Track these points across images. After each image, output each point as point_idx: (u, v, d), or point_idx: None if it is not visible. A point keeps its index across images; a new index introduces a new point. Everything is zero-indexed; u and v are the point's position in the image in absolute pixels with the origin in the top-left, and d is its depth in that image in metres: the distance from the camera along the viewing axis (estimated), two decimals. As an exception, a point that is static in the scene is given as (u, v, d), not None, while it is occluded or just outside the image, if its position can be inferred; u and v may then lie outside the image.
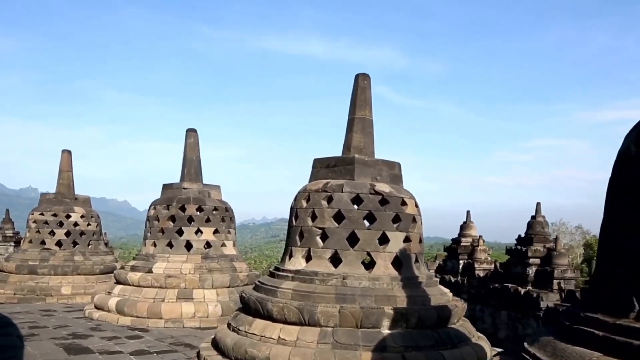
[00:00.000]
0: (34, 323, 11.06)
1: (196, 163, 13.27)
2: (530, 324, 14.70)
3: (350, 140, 8.57)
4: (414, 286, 7.67)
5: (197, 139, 13.43)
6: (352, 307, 7.05)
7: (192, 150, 13.29)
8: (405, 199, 8.11)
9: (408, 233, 8.00)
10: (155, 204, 12.96)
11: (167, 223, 12.63)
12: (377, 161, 8.42)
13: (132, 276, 12.13)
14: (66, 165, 17.44)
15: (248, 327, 7.59)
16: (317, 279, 7.56)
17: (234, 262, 13.04)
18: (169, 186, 13.19)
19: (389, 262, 7.71)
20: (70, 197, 17.12)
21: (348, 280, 7.45)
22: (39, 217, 16.50)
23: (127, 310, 11.52)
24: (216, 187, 13.47)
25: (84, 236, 16.74)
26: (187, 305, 11.59)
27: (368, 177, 8.20)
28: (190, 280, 11.95)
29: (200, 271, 12.18)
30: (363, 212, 7.76)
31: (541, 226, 15.41)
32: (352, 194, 7.83)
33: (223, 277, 12.29)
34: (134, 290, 11.96)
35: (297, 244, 8.12)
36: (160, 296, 11.70)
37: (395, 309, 7.08)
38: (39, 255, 15.85)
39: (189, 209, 12.59)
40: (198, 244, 12.62)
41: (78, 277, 15.71)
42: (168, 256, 12.38)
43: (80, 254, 16.29)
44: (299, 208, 8.23)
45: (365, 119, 8.61)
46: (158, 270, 12.08)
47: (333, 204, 7.85)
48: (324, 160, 8.62)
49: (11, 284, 15.25)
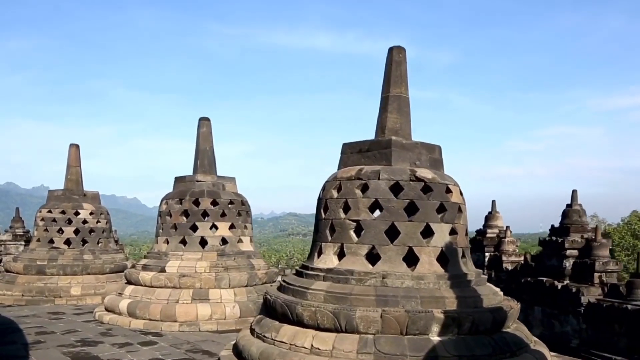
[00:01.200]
0: (41, 328, 10.27)
1: (210, 154, 12.39)
2: (569, 321, 13.70)
3: (384, 121, 7.62)
4: (463, 285, 6.73)
5: (210, 128, 12.54)
6: (396, 310, 6.12)
7: (205, 140, 12.41)
8: (449, 185, 7.16)
9: (454, 224, 7.06)
10: (167, 198, 12.11)
11: (180, 218, 11.77)
12: (415, 144, 7.46)
13: (143, 276, 11.30)
14: (74, 160, 16.65)
15: (275, 334, 6.70)
16: (352, 278, 6.64)
17: (252, 259, 12.17)
18: (182, 179, 12.33)
19: (434, 258, 6.78)
20: (78, 194, 16.34)
21: (388, 280, 6.52)
22: (46, 215, 15.74)
23: (139, 312, 10.69)
24: (231, 179, 12.58)
25: (94, 234, 15.96)
26: (202, 307, 10.74)
27: (406, 162, 7.25)
28: (205, 279, 11.10)
29: (216, 269, 11.32)
30: (403, 202, 6.81)
31: (578, 215, 14.37)
32: (391, 181, 6.89)
33: (241, 276, 11.43)
34: (146, 291, 11.13)
35: (328, 239, 7.20)
36: (174, 297, 10.86)
37: (445, 312, 6.15)
38: (47, 255, 15.10)
39: (203, 203, 11.71)
40: (213, 240, 11.75)
41: (88, 277, 14.93)
42: (182, 254, 11.53)
43: (90, 253, 15.52)
44: (328, 199, 7.31)
45: (401, 96, 7.65)
46: (171, 269, 11.24)
47: (369, 193, 6.91)
48: (355, 145, 7.69)
49: (19, 285, 14.51)
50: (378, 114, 7.82)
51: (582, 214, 14.38)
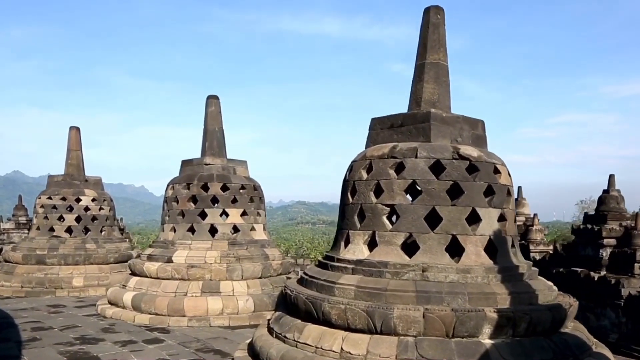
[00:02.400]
0: (38, 323, 9.48)
1: (219, 135, 11.49)
2: (607, 314, 12.71)
3: (419, 91, 6.68)
4: (515, 279, 5.83)
5: (219, 107, 11.63)
6: (441, 309, 5.24)
7: (213, 120, 11.49)
8: (497, 165, 6.24)
9: (503, 209, 6.14)
10: (173, 183, 11.24)
11: (188, 204, 10.91)
12: (457, 118, 6.53)
13: (149, 267, 10.46)
14: (75, 144, 15.78)
15: (298, 335, 5.84)
16: (387, 271, 5.76)
17: (265, 248, 11.30)
18: (189, 162, 11.44)
19: (481, 248, 5.88)
20: (80, 179, 15.50)
21: (430, 273, 5.63)
22: (46, 202, 14.91)
23: (145, 306, 9.87)
24: (242, 163, 11.69)
25: (96, 221, 15.14)
26: (213, 300, 9.90)
27: (447, 138, 6.32)
28: (216, 270, 10.25)
29: (227, 260, 10.46)
30: (446, 183, 5.90)
31: (616, 201, 13.37)
32: (430, 160, 5.97)
33: (254, 267, 10.56)
34: (151, 283, 10.30)
35: (356, 226, 6.31)
36: (182, 290, 10.02)
37: (498, 311, 5.25)
38: (47, 244, 14.29)
39: (213, 188, 10.83)
40: (224, 228, 10.88)
41: (90, 267, 14.12)
42: (190, 243, 10.67)
43: (93, 242, 14.70)
44: (357, 180, 6.40)
45: (439, 64, 6.70)
46: (179, 259, 10.40)
47: (405, 174, 6.00)
48: (386, 119, 6.76)
49: (18, 276, 13.73)
50: (412, 84, 6.89)
51: (620, 200, 13.38)
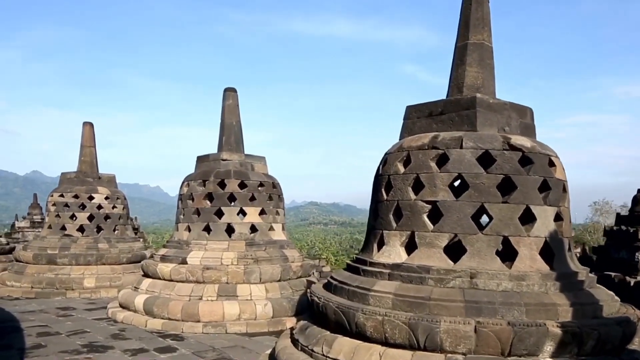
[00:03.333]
0: (45, 327, 8.92)
1: (236, 129, 10.85)
2: (648, 322, 11.71)
3: (461, 76, 5.97)
4: (575, 288, 5.09)
5: (237, 100, 10.99)
6: (495, 322, 4.53)
7: (231, 114, 10.86)
8: (552, 157, 5.51)
9: (559, 208, 5.41)
10: (188, 180, 10.63)
11: (204, 202, 10.29)
12: (504, 104, 5.80)
13: (162, 268, 9.87)
14: (88, 140, 15.29)
15: (327, 349, 5.17)
16: (430, 277, 5.06)
17: (285, 249, 10.64)
18: (205, 158, 10.82)
19: (536, 252, 5.15)
20: (93, 176, 14.99)
21: (479, 280, 4.92)
22: (58, 199, 14.43)
23: (157, 310, 9.26)
24: (261, 159, 11.04)
25: (109, 220, 14.61)
26: (230, 305, 9.26)
27: (494, 126, 5.61)
28: (233, 272, 9.61)
29: (244, 261, 9.82)
30: (496, 177, 5.19)
31: (654, 202, 12.53)
32: (478, 151, 5.26)
33: (273, 269, 9.91)
34: (164, 286, 9.70)
35: (392, 225, 5.62)
36: (197, 293, 9.40)
37: (562, 325, 4.53)
38: (58, 243, 13.79)
39: (230, 185, 10.19)
40: (241, 227, 10.24)
41: (102, 268, 13.59)
42: (205, 243, 10.05)
43: (105, 241, 14.18)
44: (392, 175, 5.71)
45: (483, 45, 5.98)
46: (193, 260, 9.78)
47: (449, 166, 5.30)
48: (424, 107, 6.06)
49: (28, 276, 13.25)
50: (451, 68, 6.18)
51: (658, 200, 12.53)
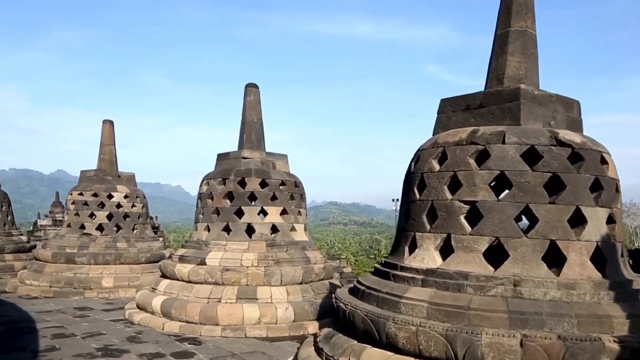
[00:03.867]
0: (60, 329, 8.68)
1: (258, 126, 10.51)
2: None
3: (502, 66, 5.51)
4: (631, 298, 4.60)
5: (259, 96, 10.64)
6: (543, 336, 4.07)
7: (252, 110, 10.52)
8: (604, 154, 5.02)
9: (612, 209, 4.92)
10: (208, 178, 10.31)
11: (224, 202, 9.96)
12: (550, 97, 5.33)
13: (180, 269, 9.56)
14: (108, 138, 15.12)
15: (355, 360, 4.76)
16: (468, 284, 4.61)
17: (307, 250, 10.25)
18: (225, 156, 10.50)
19: (587, 257, 4.67)
20: (112, 175, 14.82)
21: (523, 289, 4.46)
22: (77, 198, 14.27)
23: (175, 312, 8.95)
24: (282, 157, 10.68)
25: (128, 219, 14.41)
26: (249, 308, 8.90)
27: (539, 120, 5.14)
28: (253, 274, 9.26)
29: (265, 263, 9.46)
30: (543, 176, 4.72)
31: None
32: (523, 146, 4.80)
33: (294, 271, 9.53)
34: (182, 287, 9.39)
35: (425, 227, 5.19)
36: (216, 295, 9.07)
37: (620, 340, 4.05)
38: (77, 242, 13.62)
39: (251, 184, 9.85)
40: (262, 227, 9.88)
41: (121, 267, 13.37)
42: (225, 243, 9.71)
43: (124, 240, 13.97)
44: (426, 173, 5.28)
45: (526, 32, 5.52)
46: (212, 261, 9.45)
47: (490, 164, 4.85)
48: (460, 100, 5.62)
49: (47, 275, 13.09)
50: (490, 58, 5.72)
51: None
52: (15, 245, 17.03)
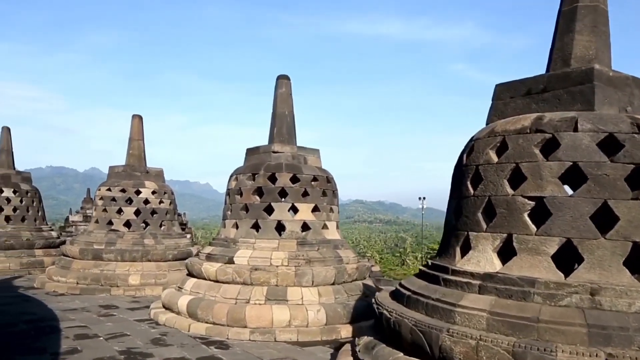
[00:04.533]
0: (84, 329, 8.33)
1: (289, 119, 10.00)
2: None
3: (569, 45, 4.86)
4: None
5: (290, 88, 10.14)
6: (633, 356, 3.44)
7: (283, 103, 10.02)
8: (693, 144, 4.34)
9: (703, 208, 4.23)
10: (237, 174, 9.85)
11: (253, 197, 9.48)
12: (626, 79, 4.66)
13: (207, 267, 9.13)
14: (137, 133, 14.86)
15: (402, 376, 4.19)
16: (536, 292, 4.00)
17: (339, 249, 9.71)
18: (255, 150, 10.03)
19: (676, 264, 4.01)
20: (141, 170, 14.54)
21: (603, 298, 3.83)
22: (105, 193, 14.02)
23: (201, 313, 8.52)
24: (314, 151, 10.15)
25: (156, 215, 14.09)
26: (279, 310, 8.41)
27: (614, 105, 4.49)
28: (283, 274, 8.76)
29: (295, 262, 8.95)
30: (624, 168, 4.07)
31: None
32: (599, 134, 4.16)
33: (326, 271, 9.00)
34: (209, 287, 8.95)
35: (481, 226, 4.59)
36: (244, 296, 8.60)
37: None
38: (105, 238, 13.36)
39: (281, 179, 9.35)
40: (292, 225, 9.38)
41: (148, 264, 13.06)
42: (254, 241, 9.24)
43: (151, 237, 13.66)
44: (482, 165, 4.68)
45: (597, 8, 4.86)
46: (241, 260, 8.99)
47: (560, 154, 4.22)
48: (520, 84, 4.99)
49: (74, 271, 12.87)
50: (554, 38, 5.08)
51: None
52: (46, 240, 16.97)
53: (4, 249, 15.66)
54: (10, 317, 9.06)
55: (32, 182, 17.89)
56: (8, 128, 17.43)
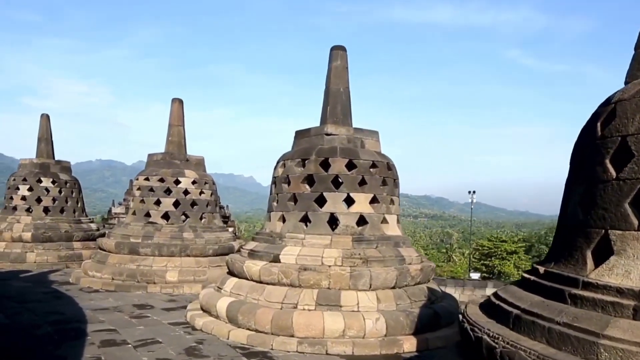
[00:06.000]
0: (112, 333, 7.40)
1: (344, 97, 8.76)
2: None
3: None
4: None
5: (346, 61, 8.88)
6: None
7: (338, 78, 8.78)
8: None
9: None
10: (284, 159, 8.70)
11: (302, 186, 8.31)
12: None
13: (250, 266, 8.03)
14: (176, 118, 13.95)
15: None
16: None
17: (400, 247, 8.43)
18: (305, 133, 8.83)
19: None
20: (180, 158, 13.64)
21: None
22: (143, 183, 13.20)
23: (242, 319, 7.43)
24: (373, 134, 8.87)
25: (196, 207, 13.17)
26: (332, 317, 7.22)
27: None
28: (336, 275, 7.57)
29: (351, 261, 7.74)
30: None
31: None
32: None
33: (386, 273, 7.74)
34: (252, 288, 7.86)
35: (631, 223, 3.23)
36: (291, 300, 7.46)
37: None
38: (142, 231, 12.53)
39: (335, 165, 8.13)
40: (347, 218, 8.16)
41: (187, 260, 12.15)
42: (303, 237, 8.09)
43: (191, 230, 12.74)
44: (633, 135, 3.31)
45: None
46: (288, 258, 7.85)
47: None
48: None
49: (109, 266, 12.10)
50: None
51: None
52: (85, 233, 16.38)
53: (42, 242, 15.15)
54: (37, 318, 8.25)
55: (72, 172, 17.35)
56: (47, 116, 16.86)
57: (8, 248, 14.86)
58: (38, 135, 16.79)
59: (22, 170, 16.24)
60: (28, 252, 14.88)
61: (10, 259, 14.60)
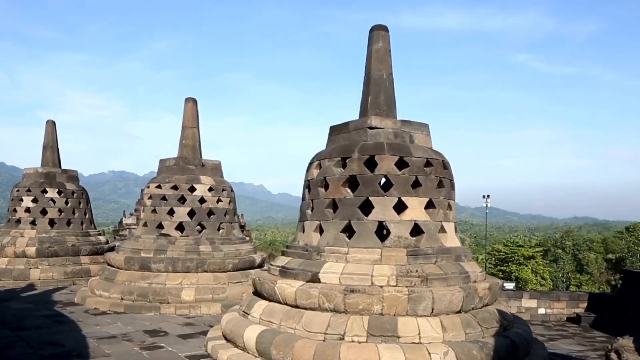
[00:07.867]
0: (119, 369, 6.04)
1: (388, 85, 7.39)
2: None
3: None
4: None
5: (389, 43, 7.52)
6: None
7: (380, 63, 7.40)
8: None
9: None
10: (319, 159, 7.32)
11: (343, 191, 6.92)
12: None
13: (283, 287, 6.65)
14: (190, 120, 12.68)
15: None
16: None
17: (462, 261, 7.01)
18: (343, 128, 7.45)
19: None
20: (195, 163, 12.34)
21: None
22: (155, 191, 11.91)
23: (277, 353, 6.04)
24: (423, 127, 7.45)
25: (213, 217, 11.85)
26: (389, 351, 5.80)
27: None
28: (391, 298, 6.16)
29: (407, 280, 6.33)
30: None
31: None
32: None
33: (452, 294, 6.32)
34: (287, 314, 6.47)
35: None
36: (337, 330, 6.06)
37: None
38: (154, 244, 11.23)
39: (383, 164, 6.73)
40: (399, 228, 6.74)
41: (204, 276, 10.81)
42: (346, 251, 6.69)
43: (208, 242, 11.41)
44: None
45: None
46: (329, 277, 6.46)
47: None
48: None
49: (118, 284, 10.80)
50: None
51: None
52: (93, 246, 15.11)
53: (47, 257, 13.88)
54: (29, 351, 6.93)
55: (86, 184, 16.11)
56: (53, 122, 15.67)
57: (11, 264, 13.63)
58: (43, 142, 15.59)
59: (26, 180, 15.05)
60: (32, 269, 13.64)
61: (12, 276, 13.37)
